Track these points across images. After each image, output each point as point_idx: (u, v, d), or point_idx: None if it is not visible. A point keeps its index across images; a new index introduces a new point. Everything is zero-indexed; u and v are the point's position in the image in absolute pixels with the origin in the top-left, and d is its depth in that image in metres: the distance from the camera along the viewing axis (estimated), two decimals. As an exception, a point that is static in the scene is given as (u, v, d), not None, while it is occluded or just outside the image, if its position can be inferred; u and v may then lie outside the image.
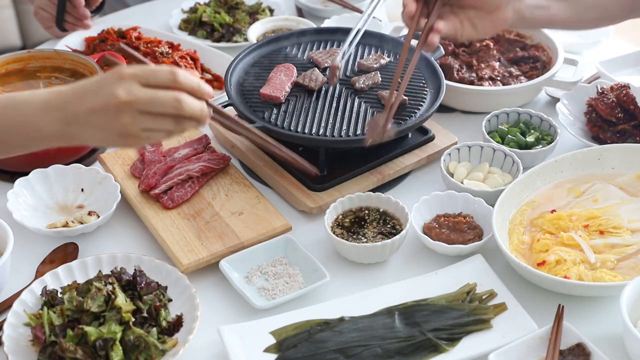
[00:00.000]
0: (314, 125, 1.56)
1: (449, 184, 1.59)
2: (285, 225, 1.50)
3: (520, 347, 1.26)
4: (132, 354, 1.22)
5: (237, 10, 2.20)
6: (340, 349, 1.28)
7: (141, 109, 1.18)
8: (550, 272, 1.37)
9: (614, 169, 1.57)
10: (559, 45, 1.93)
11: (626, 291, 1.27)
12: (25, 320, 1.28)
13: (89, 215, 1.52)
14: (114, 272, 1.31)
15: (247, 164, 1.69)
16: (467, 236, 1.46)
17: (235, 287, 1.38)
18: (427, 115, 1.59)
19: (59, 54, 1.79)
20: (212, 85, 1.93)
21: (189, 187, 1.56)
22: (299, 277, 1.41)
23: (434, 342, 1.28)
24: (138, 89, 1.18)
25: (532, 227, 1.48)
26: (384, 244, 1.42)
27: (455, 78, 1.87)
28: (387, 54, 1.78)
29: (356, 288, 1.41)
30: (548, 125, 1.73)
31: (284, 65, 1.69)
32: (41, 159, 1.60)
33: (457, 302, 1.35)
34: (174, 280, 1.36)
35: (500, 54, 1.98)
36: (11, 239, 1.38)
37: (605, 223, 1.44)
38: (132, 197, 1.55)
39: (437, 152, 1.69)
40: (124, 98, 1.17)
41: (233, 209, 1.53)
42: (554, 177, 1.56)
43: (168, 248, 1.45)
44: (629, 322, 1.23)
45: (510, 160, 1.62)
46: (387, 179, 1.63)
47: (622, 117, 1.69)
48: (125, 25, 2.08)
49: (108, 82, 1.19)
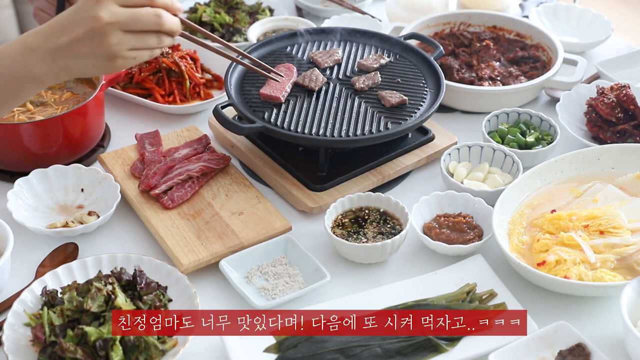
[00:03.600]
0: (314, 125, 1.56)
1: (449, 184, 1.59)
2: (285, 225, 1.50)
3: (520, 347, 1.26)
4: (132, 354, 1.22)
5: (237, 10, 2.20)
6: (340, 349, 1.28)
7: (124, 28, 1.21)
8: (550, 272, 1.37)
9: (614, 169, 1.57)
10: (559, 45, 1.93)
11: (626, 291, 1.27)
12: (25, 321, 1.28)
13: (89, 215, 1.52)
14: (114, 272, 1.31)
15: (247, 164, 1.69)
16: (467, 236, 1.46)
17: (235, 287, 1.38)
18: (427, 115, 1.59)
19: (59, 54, 1.79)
20: (212, 86, 1.94)
21: (189, 187, 1.56)
22: (299, 277, 1.41)
23: (434, 342, 1.28)
24: (118, 9, 1.21)
25: (532, 227, 1.48)
26: (384, 244, 1.42)
27: (455, 78, 1.87)
28: (387, 54, 1.78)
29: (356, 288, 1.41)
30: (548, 125, 1.73)
31: (284, 65, 1.69)
32: (41, 159, 1.60)
33: (457, 302, 1.35)
34: (174, 280, 1.35)
35: (500, 54, 1.98)
36: (11, 239, 1.38)
37: (605, 223, 1.44)
38: (132, 197, 1.55)
39: (437, 152, 1.69)
40: (107, 19, 1.20)
41: (233, 209, 1.53)
42: (554, 177, 1.56)
43: (168, 248, 1.45)
44: (629, 322, 1.23)
45: (510, 160, 1.62)
46: (387, 179, 1.63)
47: (622, 117, 1.69)
48: (125, 25, 2.08)
49: (87, 9, 1.21)
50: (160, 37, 1.27)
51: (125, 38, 1.22)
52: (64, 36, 1.22)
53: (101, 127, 1.74)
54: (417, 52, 1.78)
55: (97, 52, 1.22)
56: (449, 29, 2.07)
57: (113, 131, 1.81)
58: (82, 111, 1.63)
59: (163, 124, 1.82)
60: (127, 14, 1.22)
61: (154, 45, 1.26)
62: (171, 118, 1.85)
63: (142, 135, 1.70)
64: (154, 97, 1.86)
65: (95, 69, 1.27)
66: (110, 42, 1.21)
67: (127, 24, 1.21)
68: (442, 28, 2.07)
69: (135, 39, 1.23)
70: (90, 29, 1.20)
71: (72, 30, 1.21)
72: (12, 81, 1.23)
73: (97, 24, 1.20)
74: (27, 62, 1.22)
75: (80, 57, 1.23)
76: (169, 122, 1.83)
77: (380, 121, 1.58)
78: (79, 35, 1.21)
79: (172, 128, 1.79)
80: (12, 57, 1.23)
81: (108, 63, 1.24)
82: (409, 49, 1.79)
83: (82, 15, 1.21)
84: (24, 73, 1.23)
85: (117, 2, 1.21)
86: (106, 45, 1.21)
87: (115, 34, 1.21)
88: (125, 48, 1.23)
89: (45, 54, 1.22)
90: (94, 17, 1.20)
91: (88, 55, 1.22)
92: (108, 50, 1.22)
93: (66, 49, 1.22)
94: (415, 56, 1.77)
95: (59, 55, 1.22)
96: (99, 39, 1.21)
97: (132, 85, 1.89)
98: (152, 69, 1.88)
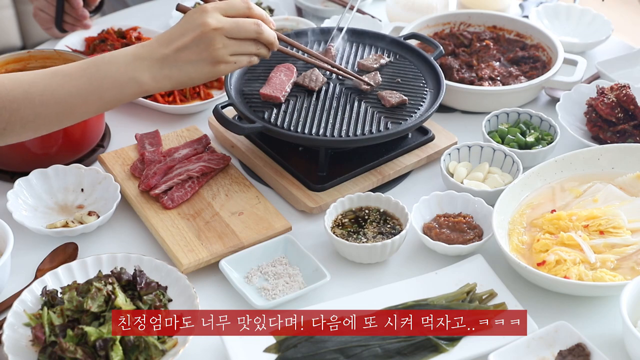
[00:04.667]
0: (314, 125, 1.56)
1: (449, 184, 1.59)
2: (285, 225, 1.50)
3: (520, 347, 1.26)
4: (132, 354, 1.22)
5: (237, 10, 2.20)
6: (340, 349, 1.28)
7: (228, 34, 1.36)
8: (550, 272, 1.37)
9: (614, 169, 1.57)
10: (559, 45, 1.93)
11: (626, 291, 1.27)
12: (25, 320, 1.28)
13: (89, 215, 1.52)
14: (114, 272, 1.31)
15: (247, 164, 1.69)
16: (467, 236, 1.46)
17: (235, 287, 1.38)
18: (427, 115, 1.59)
19: (59, 54, 1.79)
20: (212, 86, 1.94)
21: (189, 187, 1.56)
22: (299, 277, 1.41)
23: (434, 342, 1.28)
24: (223, 17, 1.37)
25: (532, 227, 1.48)
26: (384, 244, 1.42)
27: (455, 78, 1.87)
28: (387, 54, 1.78)
29: (356, 288, 1.41)
30: (548, 125, 1.73)
31: (284, 65, 1.69)
32: (41, 159, 1.61)
33: (457, 302, 1.35)
34: (174, 280, 1.35)
35: (501, 54, 1.98)
36: (11, 239, 1.38)
37: (605, 223, 1.44)
38: (132, 197, 1.55)
39: (437, 152, 1.69)
40: (215, 25, 1.35)
41: (233, 209, 1.53)
42: (554, 177, 1.56)
43: (168, 248, 1.45)
44: (629, 322, 1.23)
45: (510, 160, 1.62)
46: (387, 179, 1.63)
47: (622, 117, 1.69)
48: (125, 25, 2.08)
49: (194, 18, 1.36)
50: (258, 45, 1.42)
51: (229, 43, 1.37)
52: (171, 45, 1.36)
53: (101, 127, 1.74)
54: (417, 52, 1.78)
55: (203, 57, 1.36)
56: (449, 29, 2.07)
57: (113, 131, 1.81)
58: (82, 111, 1.63)
59: (163, 124, 1.82)
60: (231, 22, 1.37)
61: (252, 51, 1.42)
62: (171, 118, 1.85)
63: (142, 135, 1.70)
64: (153, 97, 1.86)
65: (198, 75, 1.39)
66: (216, 47, 1.36)
67: (230, 31, 1.37)
68: (442, 28, 2.07)
69: (237, 44, 1.38)
70: (198, 35, 1.35)
71: (180, 39, 1.36)
72: (118, 82, 1.35)
73: (205, 29, 1.34)
74: (135, 68, 1.35)
75: (186, 64, 1.36)
76: (169, 122, 1.83)
77: (380, 121, 1.58)
78: (187, 42, 1.35)
79: (172, 128, 1.79)
80: (121, 63, 1.35)
81: (212, 68, 1.38)
82: (409, 49, 1.79)
83: (190, 24, 1.36)
84: (129, 77, 1.35)
85: (220, 12, 1.37)
86: (212, 49, 1.36)
87: (221, 39, 1.36)
88: (228, 53, 1.38)
89: (152, 62, 1.35)
90: (202, 23, 1.35)
91: (193, 62, 1.37)
92: (213, 54, 1.36)
93: (172, 57, 1.35)
94: (415, 56, 1.77)
95: (165, 64, 1.36)
96: (206, 43, 1.35)
97: (132, 85, 1.89)
98: (152, 69, 1.88)
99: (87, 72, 1.35)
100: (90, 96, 1.35)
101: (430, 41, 1.84)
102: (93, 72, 1.34)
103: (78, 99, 1.34)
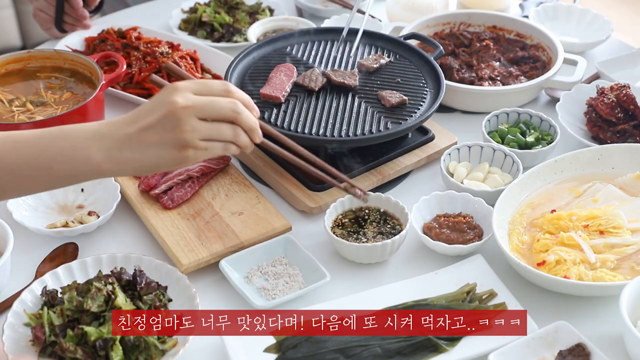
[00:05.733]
0: (314, 125, 1.56)
1: (449, 184, 1.59)
2: (285, 225, 1.50)
3: (520, 347, 1.26)
4: (132, 354, 1.22)
5: (237, 10, 2.20)
6: (340, 349, 1.28)
7: (200, 115, 1.17)
8: (550, 272, 1.37)
9: (614, 169, 1.57)
10: (559, 45, 1.93)
11: (626, 291, 1.27)
12: (25, 320, 1.28)
13: (89, 215, 1.52)
14: (114, 272, 1.31)
15: (247, 164, 1.69)
16: (467, 236, 1.46)
17: (235, 287, 1.38)
18: (427, 115, 1.59)
19: (59, 54, 1.79)
20: (212, 86, 1.93)
21: (188, 187, 1.56)
22: (299, 277, 1.41)
23: (434, 342, 1.28)
24: (194, 96, 1.18)
25: (532, 227, 1.48)
26: (384, 244, 1.42)
27: (455, 78, 1.87)
28: (387, 54, 1.78)
29: (356, 288, 1.41)
30: (548, 125, 1.73)
31: (284, 65, 1.69)
32: (41, 159, 1.60)
33: (457, 302, 1.35)
34: (174, 280, 1.35)
35: (501, 54, 1.98)
36: (11, 239, 1.39)
37: (605, 223, 1.44)
38: (132, 197, 1.55)
39: (437, 152, 1.69)
40: (183, 103, 1.16)
41: (233, 209, 1.53)
42: (554, 177, 1.56)
43: (168, 248, 1.45)
44: (629, 322, 1.23)
45: (510, 160, 1.62)
46: (387, 179, 1.63)
47: (622, 117, 1.69)
48: (125, 25, 2.08)
49: (163, 97, 1.18)
50: (237, 129, 1.21)
51: (200, 125, 1.17)
52: (136, 124, 1.17)
53: (101, 127, 1.74)
54: (417, 52, 1.78)
55: (168, 139, 1.16)
56: (449, 29, 2.07)
57: (113, 131, 1.80)
58: (82, 111, 1.63)
59: (163, 124, 1.81)
60: (203, 100, 1.18)
61: (228, 137, 1.20)
62: (171, 118, 1.84)
63: (142, 135, 1.69)
64: (154, 97, 1.86)
65: (161, 160, 1.19)
66: (183, 128, 1.16)
67: (202, 109, 1.17)
68: (442, 28, 2.07)
69: (210, 127, 1.18)
70: (165, 114, 1.16)
71: (145, 118, 1.17)
72: (71, 158, 1.18)
73: (173, 107, 1.16)
74: (92, 146, 1.17)
75: (149, 147, 1.17)
76: (169, 122, 1.82)
77: (380, 121, 1.58)
78: (152, 122, 1.16)
79: (172, 128, 1.79)
80: (78, 139, 1.18)
81: (178, 153, 1.17)
82: (408, 48, 1.79)
83: (158, 103, 1.18)
84: (84, 156, 1.18)
85: (193, 91, 1.18)
86: (178, 131, 1.16)
87: (190, 119, 1.16)
88: (198, 137, 1.17)
89: (113, 142, 1.17)
90: (170, 102, 1.16)
91: (157, 144, 1.17)
92: (180, 137, 1.16)
93: (135, 137, 1.17)
94: (415, 56, 1.77)
95: (126, 145, 1.17)
96: (172, 124, 1.16)
97: (132, 85, 1.89)
98: (152, 69, 1.88)
99: (39, 142, 1.18)
100: (39, 169, 1.18)
101: (430, 41, 1.84)
102: (46, 144, 1.18)
103: (25, 169, 1.18)
